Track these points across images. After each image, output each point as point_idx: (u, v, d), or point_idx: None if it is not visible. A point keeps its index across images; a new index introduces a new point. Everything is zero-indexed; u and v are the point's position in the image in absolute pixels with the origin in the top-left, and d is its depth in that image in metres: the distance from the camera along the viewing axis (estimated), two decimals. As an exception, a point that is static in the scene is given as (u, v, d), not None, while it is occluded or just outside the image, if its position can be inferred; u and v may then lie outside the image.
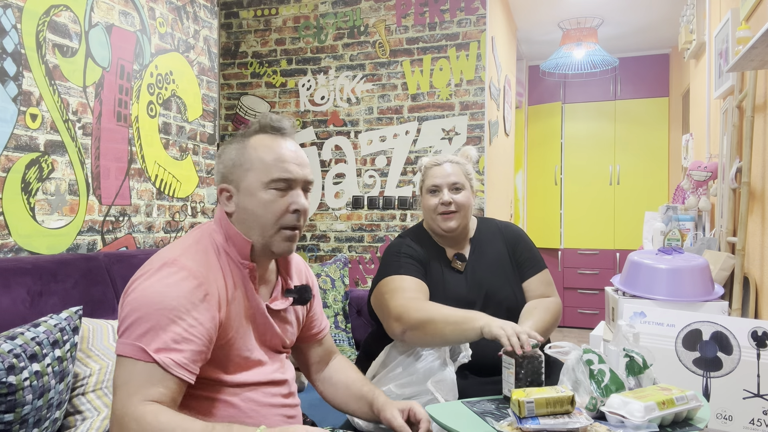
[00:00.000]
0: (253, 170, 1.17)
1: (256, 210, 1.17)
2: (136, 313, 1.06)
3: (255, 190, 1.17)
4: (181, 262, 1.11)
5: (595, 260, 5.66)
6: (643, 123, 5.55)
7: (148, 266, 1.13)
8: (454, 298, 1.71)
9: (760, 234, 2.21)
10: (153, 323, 1.04)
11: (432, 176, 1.81)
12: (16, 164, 1.98)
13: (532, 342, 1.42)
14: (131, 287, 1.11)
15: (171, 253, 1.14)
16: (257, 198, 1.17)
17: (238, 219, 1.19)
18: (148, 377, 1.02)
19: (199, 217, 3.01)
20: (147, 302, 1.06)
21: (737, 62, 1.92)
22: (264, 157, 1.17)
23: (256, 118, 1.24)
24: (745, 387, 1.75)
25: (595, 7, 4.42)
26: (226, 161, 1.20)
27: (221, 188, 1.21)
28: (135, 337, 1.04)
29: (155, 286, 1.08)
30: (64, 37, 2.17)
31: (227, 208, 1.20)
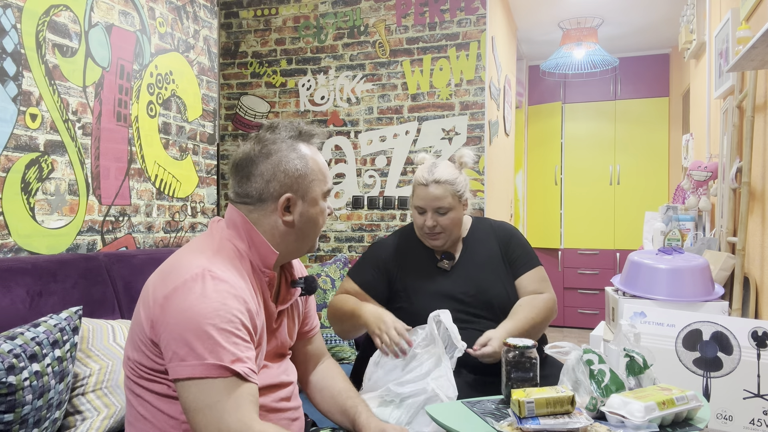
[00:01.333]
0: (317, 181, 1.21)
1: (318, 218, 1.23)
2: (192, 332, 1.01)
3: (318, 199, 1.22)
4: (215, 272, 1.07)
5: (595, 260, 5.66)
6: (643, 123, 5.55)
7: (176, 277, 1.07)
8: (442, 295, 1.74)
9: (760, 234, 2.21)
10: (217, 338, 1.01)
11: (417, 196, 1.78)
12: (15, 164, 1.98)
13: (529, 342, 1.43)
14: (170, 305, 1.04)
15: (199, 262, 1.09)
16: (319, 207, 1.22)
17: (297, 228, 1.20)
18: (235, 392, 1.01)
19: (199, 217, 3.01)
20: (201, 318, 1.01)
21: (737, 62, 1.92)
22: (320, 167, 1.23)
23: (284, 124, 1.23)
24: (746, 387, 1.75)
25: (595, 7, 4.42)
26: (291, 171, 1.17)
27: (288, 197, 1.17)
28: (204, 356, 1.00)
29: (201, 300, 1.03)
30: (63, 37, 2.17)
31: (287, 217, 1.18)
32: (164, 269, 1.12)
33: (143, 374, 1.11)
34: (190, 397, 1.01)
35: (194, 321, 1.01)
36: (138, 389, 1.12)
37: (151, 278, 1.13)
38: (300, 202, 1.19)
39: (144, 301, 1.10)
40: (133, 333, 1.12)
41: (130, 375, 1.14)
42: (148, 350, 1.08)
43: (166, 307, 1.04)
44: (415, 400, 1.55)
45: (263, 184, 1.17)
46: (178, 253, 1.16)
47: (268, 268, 1.18)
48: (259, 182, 1.17)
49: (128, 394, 1.16)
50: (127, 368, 1.15)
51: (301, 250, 1.25)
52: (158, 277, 1.11)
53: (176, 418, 1.09)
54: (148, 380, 1.10)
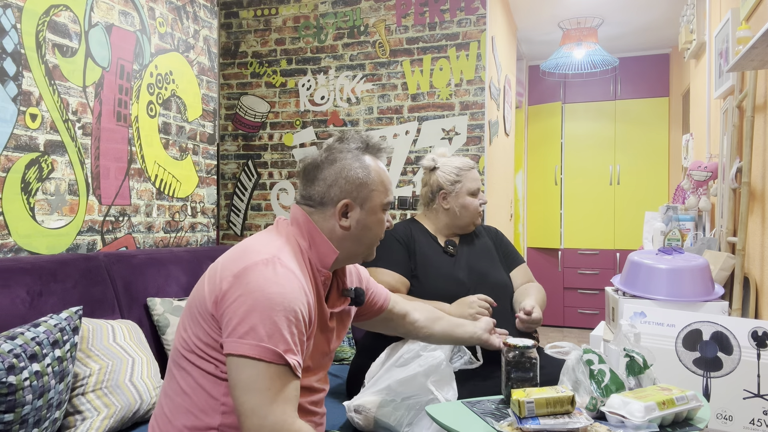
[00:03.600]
0: (377, 191, 1.25)
1: (374, 227, 1.26)
2: (258, 311, 1.04)
3: (376, 210, 1.26)
4: (285, 261, 1.11)
5: (595, 260, 5.66)
6: (643, 123, 5.55)
7: (247, 258, 1.11)
8: (449, 277, 1.93)
9: (760, 234, 2.21)
10: (279, 324, 1.04)
11: (473, 179, 2.03)
12: (15, 164, 1.98)
13: (529, 342, 1.43)
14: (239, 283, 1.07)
15: (269, 249, 1.13)
16: (377, 217, 1.26)
17: (352, 233, 1.24)
18: (284, 381, 1.04)
19: (199, 217, 3.01)
20: (269, 301, 1.05)
21: (737, 62, 1.92)
22: (383, 179, 1.27)
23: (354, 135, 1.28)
24: (746, 387, 1.75)
25: (595, 7, 4.42)
26: (352, 179, 1.22)
27: (346, 203, 1.22)
28: (263, 338, 1.03)
29: (271, 284, 1.06)
30: (63, 37, 2.17)
31: (344, 222, 1.23)
32: (234, 252, 1.15)
33: (195, 350, 1.13)
34: (242, 376, 1.03)
35: (261, 302, 1.04)
36: (185, 363, 1.14)
37: (220, 259, 1.17)
38: (358, 209, 1.24)
39: (210, 278, 1.13)
40: (192, 307, 1.15)
41: (181, 348, 1.16)
42: (207, 324, 1.10)
43: (235, 284, 1.07)
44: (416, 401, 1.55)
45: (325, 189, 1.23)
46: (248, 240, 1.20)
47: (325, 267, 1.22)
48: (322, 186, 1.23)
49: (173, 367, 1.18)
50: (180, 341, 1.17)
51: (357, 257, 1.29)
52: (228, 257, 1.15)
53: (217, 399, 1.11)
54: (198, 356, 1.12)
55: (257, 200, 3.87)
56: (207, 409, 1.11)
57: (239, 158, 3.91)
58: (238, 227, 3.90)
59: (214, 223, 3.14)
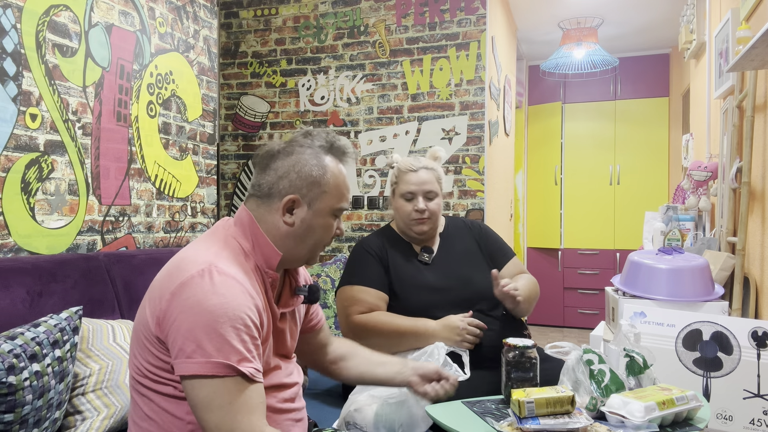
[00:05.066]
0: (329, 194, 1.19)
1: (318, 231, 1.20)
2: (201, 327, 1.00)
3: (325, 213, 1.19)
4: (222, 268, 1.06)
5: (595, 260, 5.66)
6: (643, 123, 5.55)
7: (182, 272, 1.06)
8: (426, 287, 1.82)
9: (760, 234, 2.21)
10: (225, 335, 1.00)
11: (407, 182, 1.86)
12: (15, 164, 1.98)
13: (529, 342, 1.43)
14: (176, 301, 1.03)
15: (204, 257, 1.08)
16: (324, 221, 1.20)
17: (295, 232, 1.18)
18: (241, 391, 1.01)
19: (199, 217, 3.01)
20: (210, 315, 1.00)
21: (737, 62, 1.92)
22: (339, 184, 1.20)
23: (320, 134, 1.22)
24: (746, 387, 1.75)
25: (595, 7, 4.42)
26: (304, 175, 1.17)
27: (292, 199, 1.17)
28: (211, 353, 0.99)
29: (209, 296, 1.02)
30: (63, 37, 2.17)
31: (288, 218, 1.17)
32: (169, 267, 1.11)
33: (148, 375, 1.10)
34: (200, 395, 1.00)
35: (202, 317, 1.00)
36: (143, 389, 1.12)
37: (157, 277, 1.13)
38: (305, 207, 1.18)
39: (150, 299, 1.09)
40: (137, 332, 1.12)
41: (136, 375, 1.13)
42: (154, 348, 1.07)
43: (173, 302, 1.03)
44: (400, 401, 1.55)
45: (275, 179, 1.18)
46: (182, 251, 1.15)
47: (271, 268, 1.17)
48: (272, 176, 1.18)
49: (133, 394, 1.15)
50: (133, 368, 1.14)
51: (299, 259, 1.23)
52: (163, 274, 1.10)
53: (182, 419, 1.09)
54: (153, 381, 1.10)
55: (257, 200, 3.87)
56: (174, 430, 1.09)
57: (239, 158, 3.91)
58: (238, 227, 3.90)
59: (214, 223, 3.14)
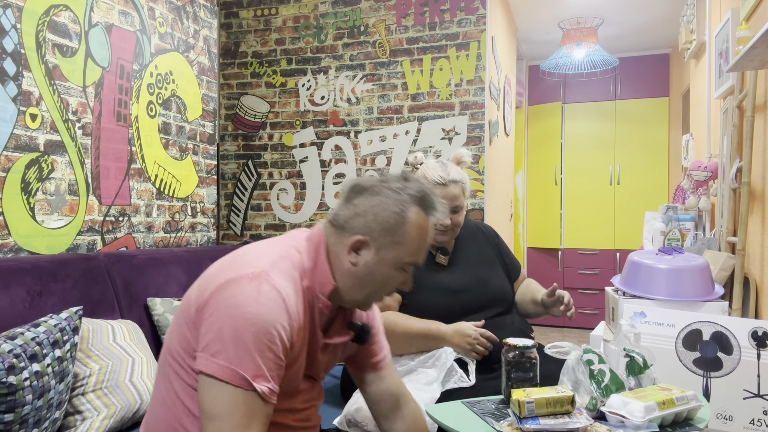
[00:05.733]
0: (401, 246, 1.13)
1: (380, 279, 1.15)
2: (231, 331, 0.99)
3: (391, 264, 1.14)
4: (273, 279, 1.04)
5: (595, 260, 5.66)
6: (643, 123, 5.55)
7: (235, 269, 1.06)
8: (441, 288, 1.81)
9: (760, 234, 2.21)
10: (251, 347, 0.99)
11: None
12: (15, 164, 1.98)
13: (529, 342, 1.43)
14: (219, 296, 1.03)
15: (261, 262, 1.07)
16: (388, 271, 1.14)
17: (356, 273, 1.14)
18: (250, 408, 0.99)
19: (199, 217, 3.01)
20: (244, 321, 0.99)
21: (737, 62, 1.92)
22: (416, 239, 1.14)
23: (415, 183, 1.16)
24: (746, 387, 1.75)
25: (595, 7, 4.42)
26: (380, 219, 1.12)
27: (361, 240, 1.12)
28: (232, 360, 0.99)
29: (250, 303, 1.01)
30: (63, 37, 2.17)
31: (353, 258, 1.13)
32: (227, 259, 1.12)
33: (176, 356, 1.09)
34: (208, 396, 1.00)
35: (235, 321, 1.00)
36: (169, 371, 1.11)
37: (213, 265, 1.13)
38: (372, 251, 1.13)
39: (199, 283, 1.10)
40: (181, 310, 1.12)
41: (167, 353, 1.13)
42: (189, 331, 1.07)
43: (215, 296, 1.03)
44: None
45: (352, 215, 1.14)
46: (245, 247, 1.15)
47: (323, 295, 1.14)
48: (351, 211, 1.14)
49: (159, 375, 1.15)
50: (166, 344, 1.13)
51: (354, 301, 1.17)
52: (220, 264, 1.11)
53: (195, 416, 1.07)
54: (178, 364, 1.09)
55: (257, 200, 3.87)
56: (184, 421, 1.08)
57: (239, 158, 3.91)
58: (238, 227, 3.90)
59: (214, 223, 3.14)
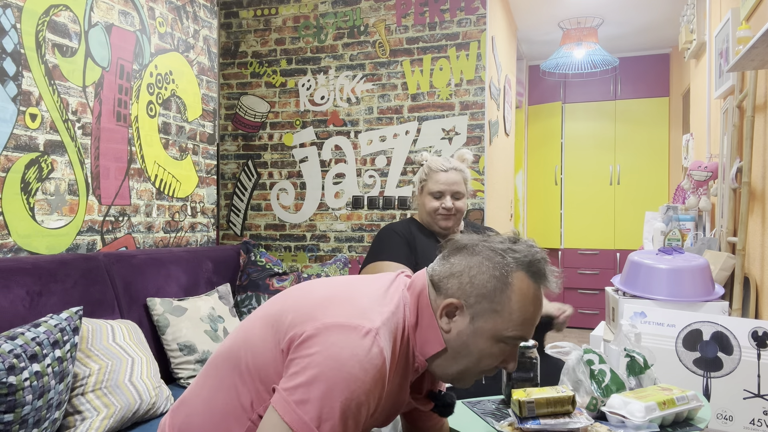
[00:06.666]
0: (501, 317, 0.99)
1: (474, 353, 1.01)
2: (325, 386, 0.89)
3: (489, 336, 1.00)
4: (381, 340, 0.94)
5: (595, 260, 5.65)
6: (643, 123, 5.55)
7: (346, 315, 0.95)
8: None
9: (760, 234, 2.21)
10: (337, 411, 0.89)
11: (437, 181, 1.95)
12: (15, 164, 1.98)
13: (529, 342, 1.43)
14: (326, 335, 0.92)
15: (372, 317, 0.96)
16: (485, 344, 1.01)
17: (448, 341, 1.01)
18: None
19: (199, 217, 3.01)
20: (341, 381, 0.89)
21: (737, 62, 1.92)
22: (519, 309, 0.99)
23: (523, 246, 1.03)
24: (746, 387, 1.75)
25: (595, 7, 4.42)
26: (477, 282, 1.00)
27: (455, 303, 1.00)
28: (314, 418, 0.89)
29: (354, 364, 0.90)
30: (63, 36, 2.17)
31: (444, 324, 1.01)
32: (338, 291, 1.01)
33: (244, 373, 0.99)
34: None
35: (334, 377, 0.89)
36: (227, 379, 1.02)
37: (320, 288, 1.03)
38: (467, 320, 1.00)
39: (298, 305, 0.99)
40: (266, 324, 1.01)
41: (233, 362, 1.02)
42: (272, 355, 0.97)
43: (320, 337, 0.92)
44: None
45: (448, 275, 1.02)
46: (359, 284, 1.04)
47: (424, 356, 1.03)
48: (446, 270, 1.03)
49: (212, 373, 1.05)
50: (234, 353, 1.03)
51: (445, 375, 1.05)
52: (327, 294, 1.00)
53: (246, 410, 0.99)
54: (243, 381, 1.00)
55: (257, 200, 3.87)
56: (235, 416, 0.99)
57: (239, 158, 3.91)
58: (237, 227, 3.90)
59: (213, 223, 3.14)
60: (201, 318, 2.22)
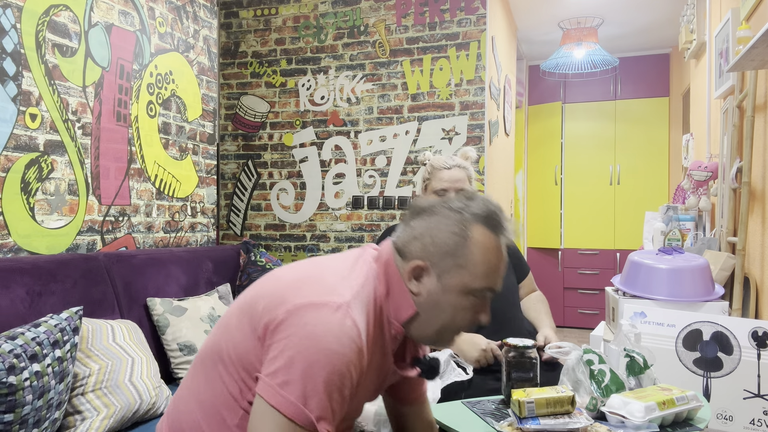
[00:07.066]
0: (467, 271, 1.02)
1: (447, 310, 1.03)
2: (304, 365, 0.91)
3: (458, 291, 1.03)
4: (354, 312, 0.96)
5: (595, 260, 5.66)
6: (643, 123, 5.55)
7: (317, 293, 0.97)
8: None
9: (760, 234, 2.21)
10: (321, 386, 0.91)
11: (440, 179, 1.92)
12: (15, 164, 1.98)
13: (529, 342, 1.43)
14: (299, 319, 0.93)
15: (342, 292, 0.98)
16: (454, 300, 1.03)
17: (420, 303, 1.04)
18: None
19: (199, 217, 3.01)
20: (320, 357, 0.91)
21: (737, 62, 1.92)
22: (483, 261, 1.02)
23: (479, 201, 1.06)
24: (746, 387, 1.75)
25: (595, 6, 4.42)
26: (438, 241, 1.02)
27: (420, 266, 1.02)
28: (299, 397, 0.91)
29: (329, 338, 0.92)
30: (63, 36, 2.17)
31: (413, 286, 1.03)
32: (306, 273, 1.02)
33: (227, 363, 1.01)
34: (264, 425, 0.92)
35: (312, 354, 0.91)
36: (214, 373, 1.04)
37: (287, 272, 1.04)
38: (434, 278, 1.03)
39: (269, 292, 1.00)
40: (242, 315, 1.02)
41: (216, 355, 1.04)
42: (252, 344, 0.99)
43: (293, 318, 0.94)
44: None
45: (410, 239, 1.05)
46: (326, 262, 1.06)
47: (399, 321, 1.05)
48: (408, 234, 1.06)
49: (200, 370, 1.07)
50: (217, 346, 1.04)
51: (424, 337, 1.07)
52: (296, 276, 1.02)
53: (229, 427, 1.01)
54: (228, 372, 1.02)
55: (257, 200, 3.87)
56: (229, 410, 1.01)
57: (239, 158, 3.91)
58: (237, 227, 3.90)
59: (213, 223, 3.14)
60: (201, 318, 2.22)
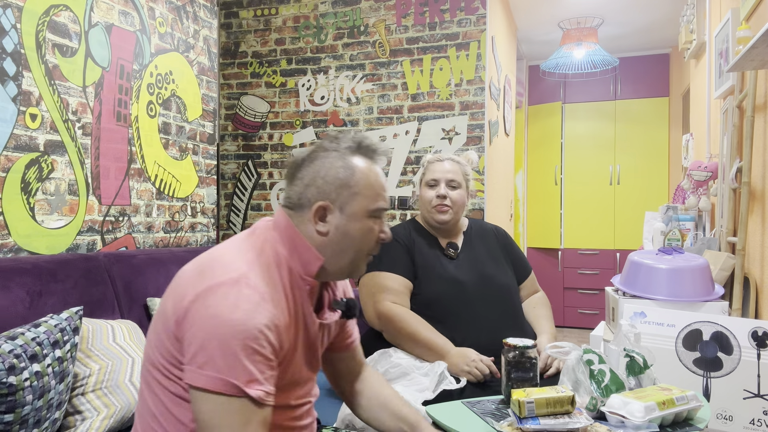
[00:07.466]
0: (361, 195, 1.12)
1: (357, 236, 1.12)
2: (216, 341, 0.96)
3: (360, 216, 1.12)
4: (252, 281, 1.02)
5: (595, 260, 5.66)
6: (643, 123, 5.55)
7: (212, 275, 1.02)
8: (450, 280, 1.88)
9: (760, 234, 2.21)
10: (238, 353, 0.96)
11: (432, 170, 1.96)
12: (15, 164, 1.98)
13: (529, 342, 1.43)
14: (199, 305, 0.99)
15: (236, 266, 1.03)
16: (361, 225, 1.12)
17: (331, 240, 1.11)
18: (246, 415, 0.97)
19: (199, 217, 3.01)
20: (227, 329, 0.96)
21: (737, 62, 1.92)
22: (372, 183, 1.13)
23: (346, 135, 1.16)
24: (746, 387, 1.75)
25: (595, 7, 4.42)
26: (330, 179, 1.11)
27: (322, 205, 1.10)
28: (221, 369, 0.95)
29: (232, 310, 0.97)
30: (63, 37, 2.17)
31: (321, 227, 1.11)
32: (200, 263, 1.07)
33: (160, 368, 1.06)
34: (203, 410, 0.98)
35: (219, 330, 0.96)
36: (153, 383, 1.08)
37: (186, 269, 1.08)
38: (337, 212, 1.11)
39: (174, 292, 1.05)
40: (157, 322, 1.08)
41: (148, 365, 1.09)
42: (170, 342, 1.03)
43: (195, 305, 0.99)
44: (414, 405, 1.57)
45: (302, 189, 1.12)
46: (218, 249, 1.10)
47: (309, 275, 1.11)
48: (300, 186, 1.12)
49: (143, 386, 1.11)
50: (146, 357, 1.10)
51: (342, 270, 1.15)
52: (193, 270, 1.06)
53: (185, 425, 1.05)
54: (164, 376, 1.06)
55: (257, 200, 3.87)
56: None
57: (239, 158, 3.91)
58: (238, 227, 3.90)
59: (214, 223, 3.14)
60: (201, 318, 2.22)
